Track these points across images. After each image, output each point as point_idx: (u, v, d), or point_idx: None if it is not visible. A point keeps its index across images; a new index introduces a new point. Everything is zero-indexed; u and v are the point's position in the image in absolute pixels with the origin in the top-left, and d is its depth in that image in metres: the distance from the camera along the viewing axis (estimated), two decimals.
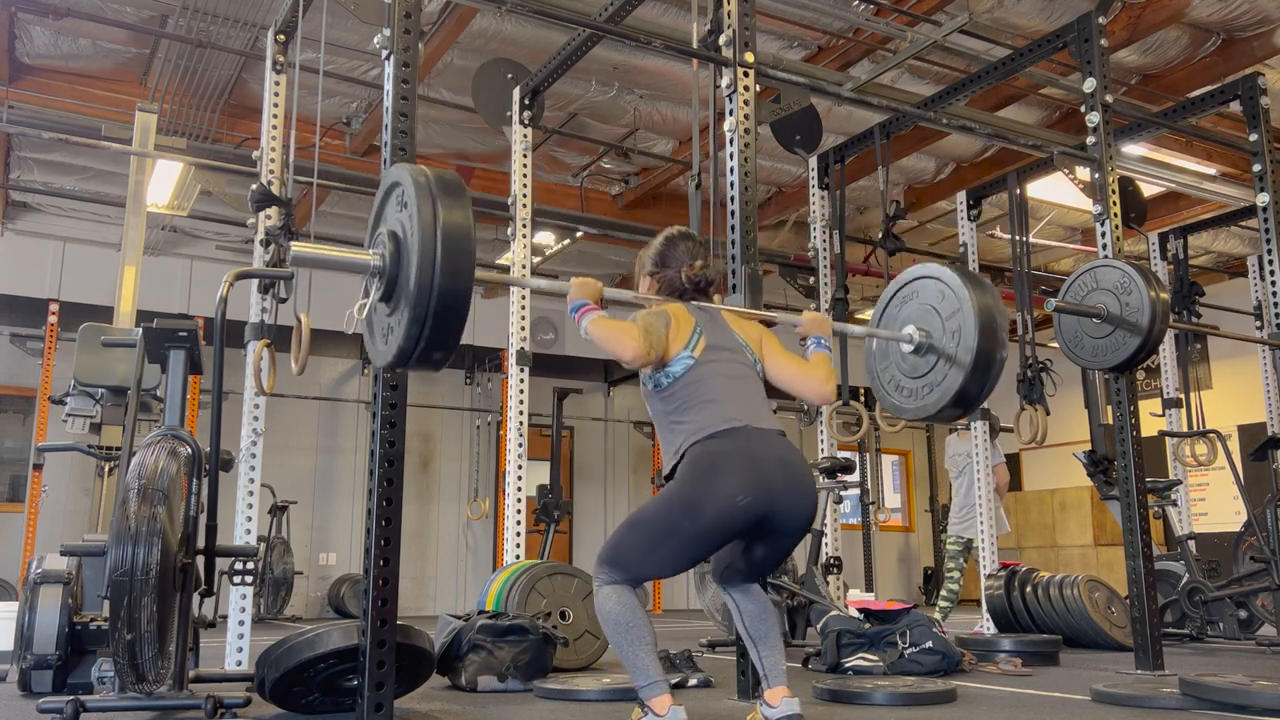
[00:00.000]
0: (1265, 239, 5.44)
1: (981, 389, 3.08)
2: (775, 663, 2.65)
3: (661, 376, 2.69)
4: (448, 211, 2.29)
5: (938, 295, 3.15)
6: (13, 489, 9.02)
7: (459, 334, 2.34)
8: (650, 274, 2.95)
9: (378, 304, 2.45)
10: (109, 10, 6.03)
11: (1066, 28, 5.04)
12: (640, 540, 2.56)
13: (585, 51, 5.09)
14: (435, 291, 2.26)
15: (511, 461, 5.14)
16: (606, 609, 2.54)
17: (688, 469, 2.56)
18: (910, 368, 3.25)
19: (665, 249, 2.93)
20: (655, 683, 2.50)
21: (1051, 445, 7.07)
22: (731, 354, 2.76)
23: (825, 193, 6.55)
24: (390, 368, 2.49)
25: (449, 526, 10.78)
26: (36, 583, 3.64)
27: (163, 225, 8.98)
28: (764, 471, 2.53)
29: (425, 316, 2.27)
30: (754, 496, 2.50)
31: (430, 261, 2.25)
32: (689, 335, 2.71)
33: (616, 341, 2.58)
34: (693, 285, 2.88)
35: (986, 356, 3.01)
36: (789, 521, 2.58)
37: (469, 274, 2.29)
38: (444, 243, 2.26)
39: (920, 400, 3.22)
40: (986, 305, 3.02)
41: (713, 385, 2.66)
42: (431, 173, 2.36)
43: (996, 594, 5.93)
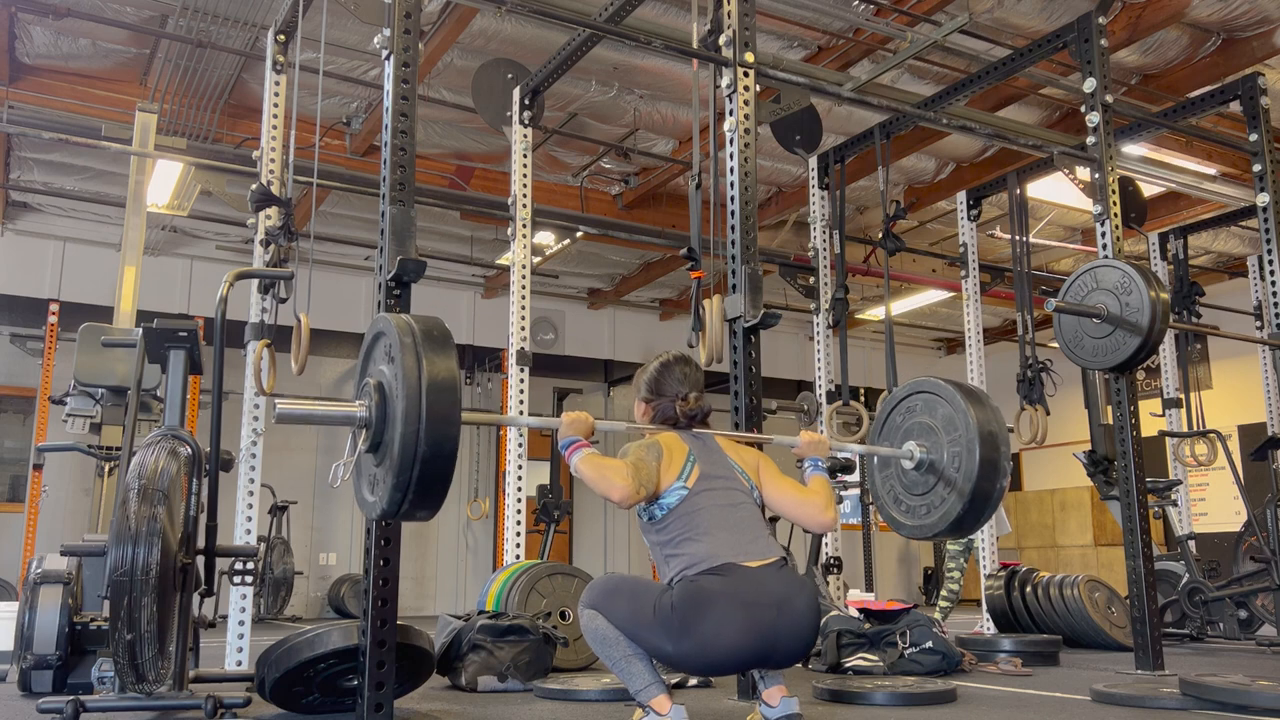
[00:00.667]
0: (1265, 239, 5.44)
1: (980, 516, 3.05)
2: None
3: (655, 509, 2.64)
4: (433, 369, 2.26)
5: (942, 417, 3.11)
6: (13, 489, 9.03)
7: (444, 494, 2.33)
8: (645, 400, 2.91)
9: (365, 454, 2.43)
10: (109, 10, 6.03)
11: (1066, 28, 5.04)
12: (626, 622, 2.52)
13: (585, 51, 5.09)
14: (419, 457, 2.23)
15: (511, 461, 5.14)
16: (592, 628, 2.55)
17: (679, 602, 2.47)
18: (910, 484, 3.21)
19: (659, 376, 2.88)
20: (651, 685, 2.50)
21: (1051, 445, 7.07)
22: (727, 481, 2.70)
23: (825, 193, 6.55)
24: (378, 520, 2.49)
25: (449, 526, 10.78)
26: (36, 583, 3.64)
27: (163, 225, 8.98)
28: (761, 620, 2.45)
29: (409, 482, 2.26)
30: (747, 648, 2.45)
31: (415, 425, 2.22)
32: (682, 465, 2.66)
33: (605, 482, 2.52)
34: (687, 419, 2.83)
35: (986, 488, 2.98)
36: (786, 657, 2.53)
37: (453, 439, 2.27)
38: (429, 408, 2.23)
39: (919, 520, 3.18)
40: (990, 432, 2.98)
41: (707, 516, 2.60)
42: (419, 327, 2.34)
43: (996, 594, 5.93)
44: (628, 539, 11.70)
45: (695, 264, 4.05)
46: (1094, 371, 5.47)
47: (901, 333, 12.87)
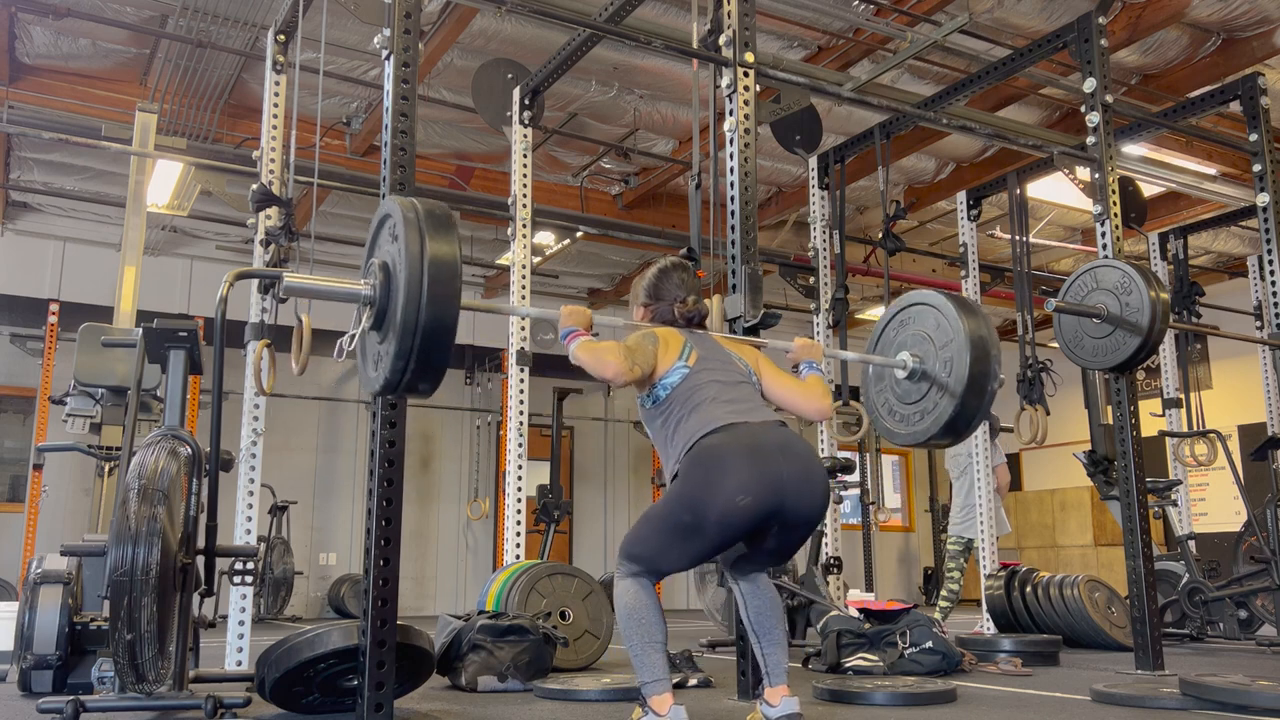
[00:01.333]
0: (1265, 239, 5.44)
1: (972, 418, 3.11)
2: (778, 661, 2.65)
3: (658, 390, 2.70)
4: (434, 246, 2.34)
5: (933, 324, 3.18)
6: (13, 489, 9.03)
7: (444, 365, 2.41)
8: (643, 305, 2.97)
9: (369, 332, 2.50)
10: (109, 10, 6.03)
11: (1066, 28, 5.04)
12: (653, 537, 2.57)
13: (585, 51, 5.09)
14: (420, 326, 2.32)
15: (511, 461, 5.14)
16: (623, 601, 2.55)
17: (688, 468, 2.56)
18: (904, 393, 3.28)
19: (658, 281, 2.95)
20: (659, 681, 2.51)
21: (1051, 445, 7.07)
22: (726, 367, 2.78)
23: (825, 193, 6.55)
24: (379, 394, 2.55)
25: (449, 526, 10.78)
26: (36, 583, 3.64)
27: (163, 225, 8.98)
28: (767, 464, 2.49)
29: (410, 350, 2.34)
30: (757, 494, 2.46)
31: (416, 297, 2.31)
32: (680, 349, 2.73)
33: (599, 361, 2.59)
34: (685, 321, 2.89)
35: (978, 387, 3.04)
36: (800, 512, 2.54)
37: (454, 309, 2.35)
38: (430, 278, 2.32)
39: (912, 427, 3.26)
40: (980, 336, 3.04)
41: (708, 390, 2.67)
42: (421, 206, 2.40)
43: (996, 594, 5.93)
44: None
45: (695, 264, 4.05)
46: (1094, 371, 5.47)
47: None
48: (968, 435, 3.28)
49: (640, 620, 2.52)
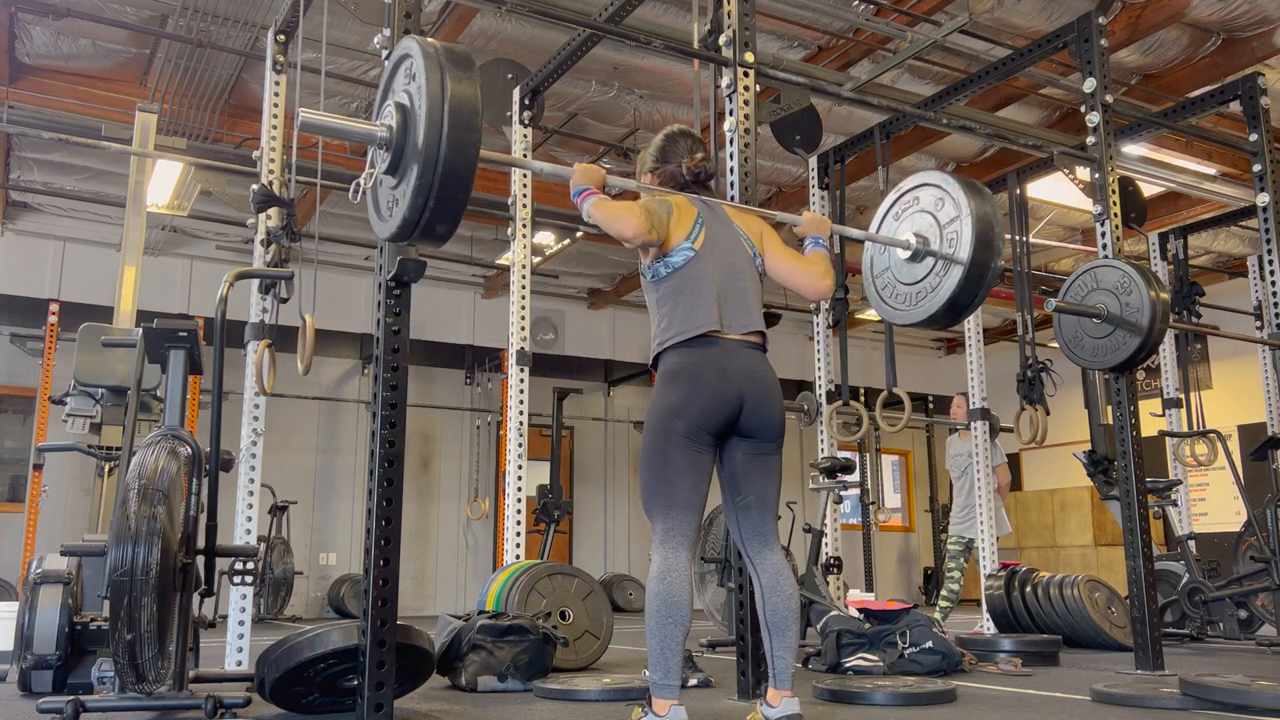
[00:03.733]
0: (1265, 239, 5.44)
1: (975, 295, 3.10)
2: (786, 665, 2.64)
3: (660, 266, 2.73)
4: (455, 83, 2.30)
5: (936, 202, 3.17)
6: (13, 489, 9.03)
7: (463, 205, 2.36)
8: (651, 170, 2.99)
9: (383, 177, 2.47)
10: (109, 10, 6.03)
11: (1066, 28, 5.04)
12: (649, 465, 2.64)
13: (585, 51, 5.09)
14: (441, 159, 2.27)
15: (511, 461, 5.14)
16: (654, 589, 2.55)
17: (662, 379, 2.68)
18: (907, 274, 3.26)
19: (666, 145, 2.98)
20: (670, 686, 2.51)
21: (1051, 445, 7.07)
22: (731, 246, 2.81)
23: (825, 193, 6.55)
24: (394, 239, 2.48)
25: (449, 526, 10.78)
26: (36, 583, 3.64)
27: (163, 225, 8.98)
28: (730, 379, 2.64)
29: (431, 185, 2.29)
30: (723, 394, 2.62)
31: (437, 129, 2.27)
32: (691, 225, 2.76)
33: (619, 219, 2.60)
34: (693, 177, 2.92)
35: (982, 261, 3.03)
36: (759, 420, 2.67)
37: (475, 143, 2.31)
38: (451, 112, 2.28)
39: (915, 306, 3.24)
40: (985, 213, 3.04)
41: (706, 282, 2.71)
42: (440, 44, 2.38)
43: (996, 594, 5.93)
44: (627, 539, 11.70)
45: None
46: (1094, 371, 5.47)
47: (901, 333, 12.85)
48: (968, 314, 3.27)
49: (668, 617, 2.51)
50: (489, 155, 2.64)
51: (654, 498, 2.64)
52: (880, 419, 5.49)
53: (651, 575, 2.59)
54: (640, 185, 2.92)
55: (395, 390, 2.99)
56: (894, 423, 5.77)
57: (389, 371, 2.99)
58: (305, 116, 2.42)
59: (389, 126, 2.41)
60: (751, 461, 2.72)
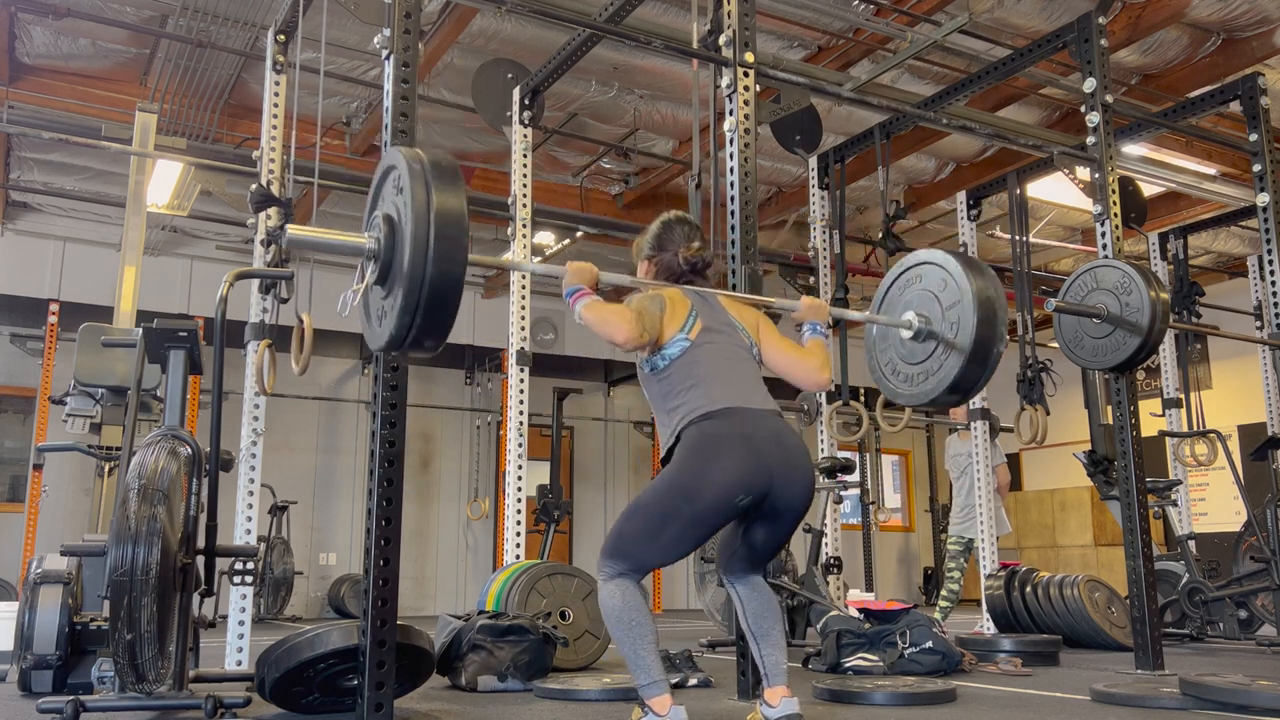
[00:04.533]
0: (1265, 239, 5.44)
1: (978, 378, 3.08)
2: (776, 661, 2.65)
3: (657, 359, 2.70)
4: (441, 197, 2.28)
5: (939, 283, 3.15)
6: (13, 489, 9.03)
7: (451, 320, 2.35)
8: (647, 258, 2.96)
9: (373, 286, 2.45)
10: (109, 10, 6.02)
11: (1066, 28, 5.04)
12: (641, 527, 2.56)
13: (585, 51, 5.09)
14: (427, 280, 2.25)
15: (511, 461, 5.14)
16: (610, 605, 2.54)
17: (683, 452, 2.56)
18: (908, 354, 3.25)
19: (662, 233, 2.95)
20: (656, 682, 2.50)
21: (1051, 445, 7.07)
22: (727, 336, 2.77)
23: (825, 193, 6.55)
24: (384, 351, 2.49)
25: (449, 526, 10.78)
26: (36, 583, 3.64)
27: (163, 225, 8.98)
28: (759, 451, 2.53)
29: (417, 305, 2.28)
30: (748, 477, 2.50)
31: (423, 248, 2.25)
32: (685, 317, 2.72)
33: (610, 324, 2.57)
34: (690, 267, 2.89)
35: (985, 346, 3.01)
36: (787, 499, 2.57)
37: (461, 261, 2.29)
38: (437, 230, 2.25)
39: (917, 387, 3.23)
40: (987, 296, 3.02)
41: (707, 366, 2.66)
42: (427, 157, 2.36)
43: (996, 594, 5.93)
44: None
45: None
46: (1094, 371, 5.47)
47: None
48: (973, 395, 3.26)
49: (629, 623, 2.51)
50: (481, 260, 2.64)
51: (629, 548, 2.56)
52: (880, 419, 5.49)
53: (602, 597, 2.57)
54: (634, 280, 2.88)
55: (395, 390, 2.99)
56: (894, 423, 5.77)
57: (389, 371, 2.99)
58: (292, 234, 2.42)
59: (377, 239, 2.39)
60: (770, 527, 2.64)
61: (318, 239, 2.49)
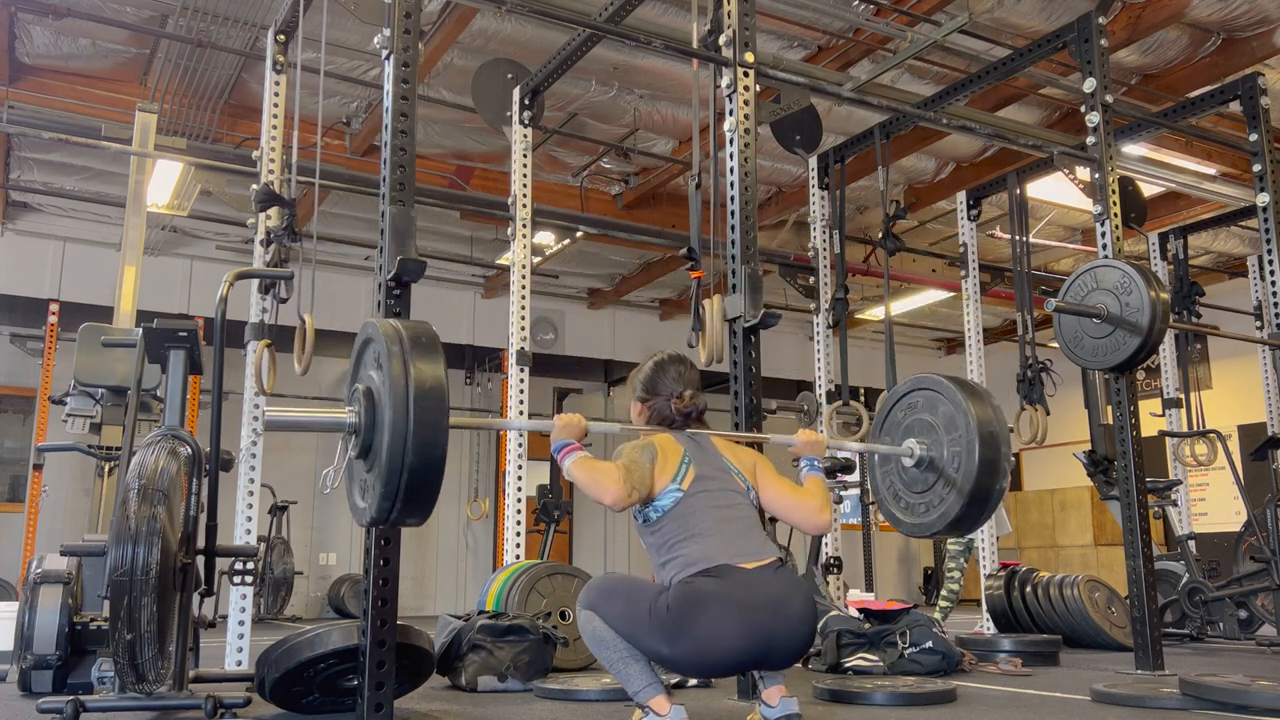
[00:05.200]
0: (1265, 239, 5.44)
1: (979, 516, 3.06)
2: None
3: (650, 511, 2.62)
4: (420, 376, 2.26)
5: (943, 414, 3.10)
6: (13, 489, 9.03)
7: (433, 500, 2.34)
8: (640, 400, 2.89)
9: (355, 460, 2.44)
10: (109, 10, 6.03)
11: (1066, 28, 5.03)
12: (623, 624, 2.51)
13: (585, 51, 5.09)
14: (406, 468, 2.24)
15: (511, 461, 5.14)
16: (589, 629, 2.55)
17: (675, 606, 2.46)
18: (910, 481, 3.21)
19: (654, 375, 2.87)
20: (649, 686, 2.50)
21: (1051, 445, 7.07)
22: (722, 483, 2.68)
23: (825, 193, 6.55)
24: (369, 527, 2.50)
25: (449, 526, 10.78)
26: (36, 583, 3.64)
27: (163, 225, 8.98)
28: (756, 620, 2.44)
29: (397, 490, 2.27)
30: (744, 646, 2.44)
31: (402, 436, 2.23)
32: (676, 467, 2.64)
33: (598, 485, 2.52)
34: (683, 417, 2.81)
35: (986, 488, 2.98)
36: (783, 657, 2.51)
37: (442, 445, 2.27)
38: (416, 415, 2.23)
39: (918, 518, 3.19)
40: (990, 432, 2.97)
41: (702, 518, 2.58)
42: (406, 331, 2.33)
43: (996, 594, 5.93)
44: (627, 539, 11.70)
45: (695, 264, 4.05)
46: (1094, 371, 5.47)
47: (901, 333, 12.87)
48: (975, 530, 3.26)
49: (609, 641, 2.51)
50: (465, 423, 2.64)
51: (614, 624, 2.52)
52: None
53: (581, 622, 2.58)
54: (624, 427, 2.83)
55: None
56: None
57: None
58: (270, 416, 2.42)
59: (357, 413, 2.38)
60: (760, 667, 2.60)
61: (298, 419, 2.49)
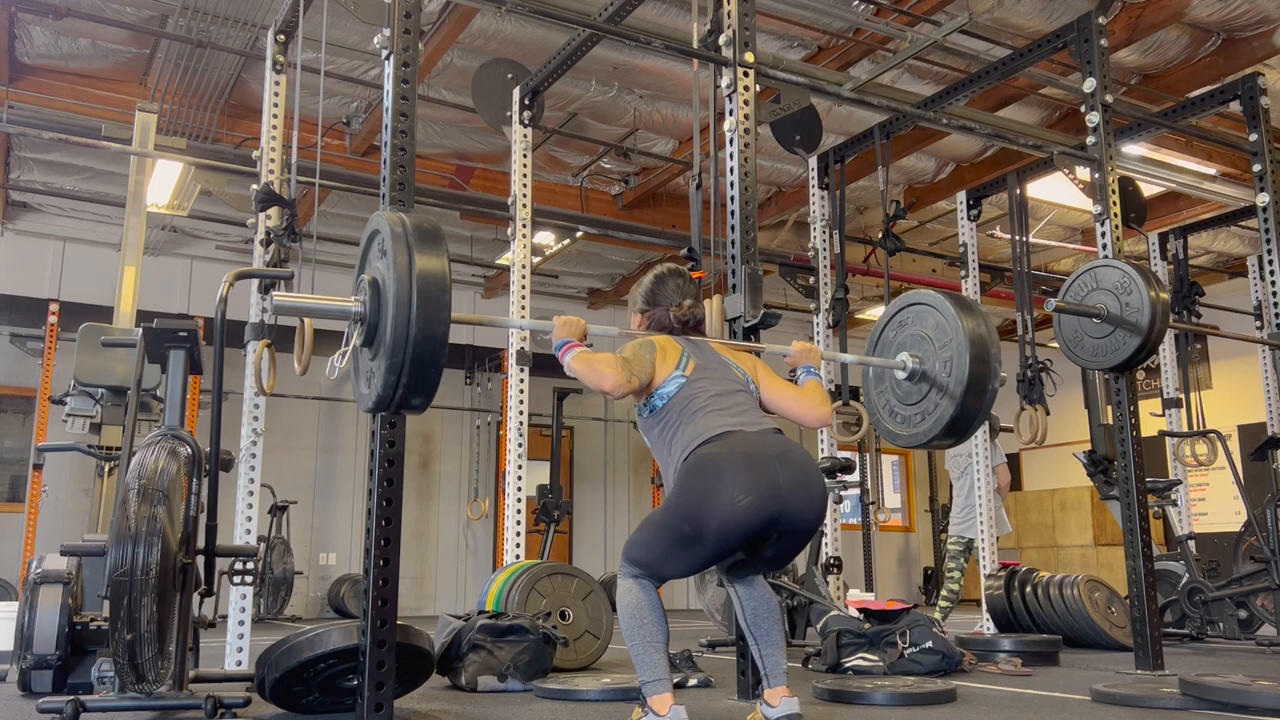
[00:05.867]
0: (1265, 239, 5.44)
1: (973, 419, 3.11)
2: (776, 662, 2.65)
3: (655, 400, 2.69)
4: (423, 260, 2.34)
5: (932, 324, 3.18)
6: (13, 489, 9.02)
7: (436, 381, 2.40)
8: (640, 311, 2.97)
9: (361, 349, 2.50)
10: (109, 10, 6.03)
11: (1066, 28, 5.04)
12: (654, 545, 2.56)
13: (585, 51, 5.09)
14: (410, 342, 2.31)
15: (511, 461, 5.14)
16: (625, 602, 2.56)
17: (685, 478, 2.54)
18: (904, 394, 3.28)
19: (655, 287, 2.94)
20: (660, 680, 2.51)
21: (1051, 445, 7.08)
22: (723, 373, 2.77)
23: (825, 193, 6.55)
24: (373, 411, 2.54)
25: (449, 526, 10.78)
26: (36, 583, 3.64)
27: (163, 225, 8.98)
28: (765, 472, 2.46)
29: (402, 366, 2.34)
30: (756, 495, 2.43)
31: (406, 313, 2.31)
32: (677, 359, 2.72)
33: (596, 374, 2.58)
34: (681, 325, 2.89)
35: (978, 388, 3.04)
36: (799, 517, 2.50)
37: (444, 324, 2.34)
38: (419, 294, 2.31)
39: (913, 428, 3.26)
40: (980, 336, 3.04)
41: (704, 399, 2.66)
42: (410, 221, 2.40)
43: (996, 594, 5.93)
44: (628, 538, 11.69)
45: (695, 264, 4.05)
46: (1094, 371, 5.47)
47: None
48: (969, 435, 3.28)
49: (642, 620, 2.53)
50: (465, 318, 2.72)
51: (648, 558, 2.56)
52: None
53: (619, 592, 2.60)
54: (622, 330, 2.90)
55: None
56: None
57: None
58: (279, 300, 2.50)
59: (363, 302, 2.45)
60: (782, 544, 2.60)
61: (305, 304, 2.56)
